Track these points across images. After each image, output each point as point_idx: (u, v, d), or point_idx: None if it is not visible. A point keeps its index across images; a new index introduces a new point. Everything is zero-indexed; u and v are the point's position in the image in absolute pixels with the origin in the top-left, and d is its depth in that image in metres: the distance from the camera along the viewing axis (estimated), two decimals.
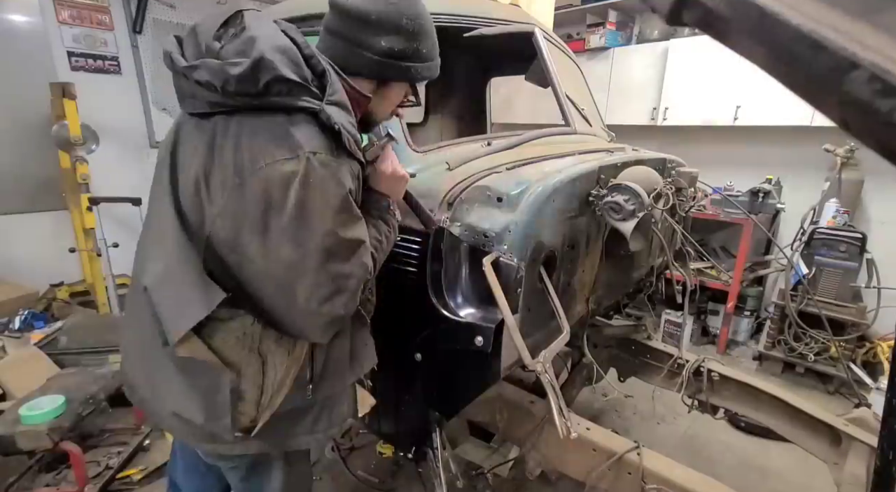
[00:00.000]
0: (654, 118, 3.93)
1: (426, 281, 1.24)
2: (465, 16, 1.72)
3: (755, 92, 3.29)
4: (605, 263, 1.62)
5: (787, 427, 1.74)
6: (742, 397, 1.86)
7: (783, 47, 0.33)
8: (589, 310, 1.67)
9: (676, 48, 3.70)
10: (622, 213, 1.35)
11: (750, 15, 0.34)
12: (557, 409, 1.18)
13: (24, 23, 3.45)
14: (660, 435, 2.62)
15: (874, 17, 0.30)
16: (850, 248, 2.98)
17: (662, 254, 1.97)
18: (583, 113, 2.00)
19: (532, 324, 1.28)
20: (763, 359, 3.36)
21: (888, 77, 0.27)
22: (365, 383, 1.30)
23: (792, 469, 2.35)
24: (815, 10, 0.31)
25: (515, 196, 1.18)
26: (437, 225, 1.22)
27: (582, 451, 1.52)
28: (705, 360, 1.93)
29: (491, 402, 1.74)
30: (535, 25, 1.91)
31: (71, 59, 3.62)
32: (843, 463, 1.53)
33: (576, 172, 1.35)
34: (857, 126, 0.31)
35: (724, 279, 3.51)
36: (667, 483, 1.38)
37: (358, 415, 1.21)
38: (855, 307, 3.01)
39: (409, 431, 1.44)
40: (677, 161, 1.95)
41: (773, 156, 3.68)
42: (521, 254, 1.16)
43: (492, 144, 1.54)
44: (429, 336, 1.26)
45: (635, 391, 2.47)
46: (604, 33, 4.10)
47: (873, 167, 3.16)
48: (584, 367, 2.24)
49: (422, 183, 1.30)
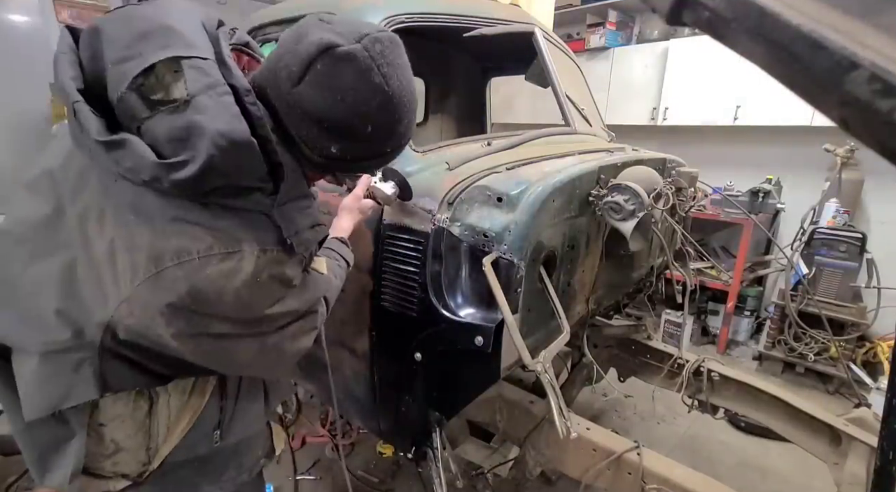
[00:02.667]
0: (654, 118, 3.93)
1: (426, 281, 1.24)
2: (465, 16, 1.72)
3: (755, 92, 3.29)
4: (605, 263, 1.62)
5: (787, 427, 1.73)
6: (742, 397, 1.86)
7: (783, 47, 0.33)
8: (589, 310, 1.67)
9: (676, 48, 3.70)
10: (622, 213, 1.35)
11: (750, 15, 0.34)
12: (557, 409, 1.18)
13: (24, 23, 3.45)
14: (660, 435, 2.62)
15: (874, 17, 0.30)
16: (850, 248, 2.98)
17: (662, 254, 1.97)
18: (583, 113, 2.00)
19: (532, 324, 1.28)
20: (763, 359, 3.36)
21: (888, 77, 0.27)
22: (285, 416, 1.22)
23: (792, 469, 2.35)
24: (815, 10, 0.31)
25: (515, 196, 1.18)
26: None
27: (582, 451, 1.52)
28: (705, 360, 1.93)
29: (491, 402, 1.74)
30: (535, 25, 1.91)
31: None
32: (843, 463, 1.53)
33: (576, 171, 1.35)
34: (857, 126, 0.31)
35: (724, 279, 3.51)
36: (667, 483, 1.38)
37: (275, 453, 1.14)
38: (855, 307, 3.01)
39: (409, 431, 1.44)
40: (677, 161, 1.95)
41: (773, 156, 3.68)
42: (521, 254, 1.16)
43: (492, 143, 1.54)
44: (429, 336, 1.26)
45: (635, 391, 2.47)
46: (604, 33, 4.09)
47: (873, 167, 3.16)
48: (584, 367, 2.24)
49: (422, 183, 1.30)
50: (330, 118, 0.74)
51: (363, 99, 0.73)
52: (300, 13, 1.53)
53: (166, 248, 0.69)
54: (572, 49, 2.40)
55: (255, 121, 0.71)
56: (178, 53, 0.69)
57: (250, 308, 0.76)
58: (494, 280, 1.12)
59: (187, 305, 0.71)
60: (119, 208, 0.72)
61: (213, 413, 0.93)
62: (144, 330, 0.73)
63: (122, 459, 0.86)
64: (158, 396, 0.87)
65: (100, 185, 0.74)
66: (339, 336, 1.44)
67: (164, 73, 0.69)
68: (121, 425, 0.85)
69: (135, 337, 0.74)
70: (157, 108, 0.68)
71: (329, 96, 0.72)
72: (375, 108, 0.74)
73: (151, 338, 0.74)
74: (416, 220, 1.26)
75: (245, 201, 0.74)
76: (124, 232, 0.71)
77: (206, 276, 0.70)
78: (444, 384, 1.33)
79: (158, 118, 0.68)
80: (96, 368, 0.76)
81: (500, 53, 2.49)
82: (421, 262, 1.25)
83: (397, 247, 1.29)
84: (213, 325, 0.75)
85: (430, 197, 1.26)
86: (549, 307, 1.30)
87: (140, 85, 0.68)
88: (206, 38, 0.75)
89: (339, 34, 0.71)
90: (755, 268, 3.67)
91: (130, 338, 0.74)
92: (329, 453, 2.29)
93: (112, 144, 0.67)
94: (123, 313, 0.72)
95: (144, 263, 0.70)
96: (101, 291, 0.73)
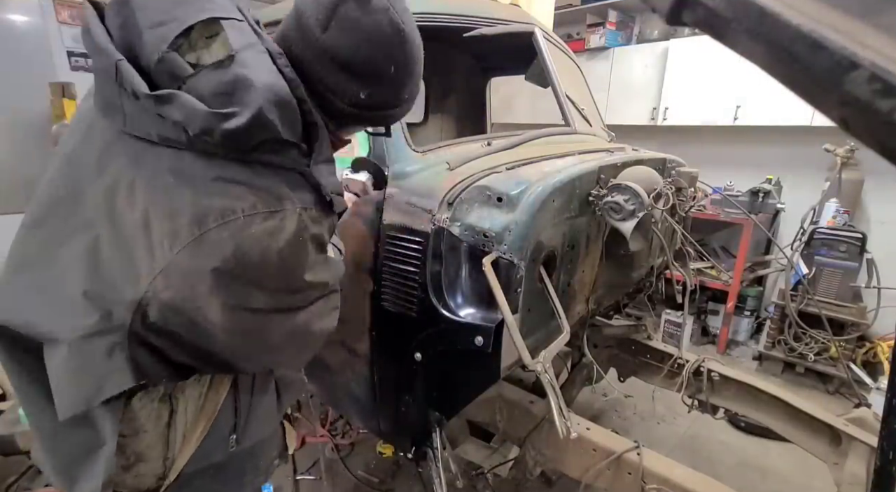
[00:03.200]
0: (654, 118, 3.93)
1: (426, 281, 1.24)
2: (465, 16, 1.72)
3: (755, 92, 3.29)
4: (605, 263, 1.62)
5: (787, 427, 1.73)
6: (742, 397, 1.86)
7: (783, 47, 0.33)
8: (589, 310, 1.67)
9: (676, 48, 3.70)
10: (622, 213, 1.35)
11: (750, 15, 0.34)
12: (557, 409, 1.18)
13: (24, 23, 3.45)
14: (660, 435, 2.62)
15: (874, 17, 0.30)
16: (850, 248, 2.98)
17: (662, 254, 1.97)
18: (583, 113, 2.00)
19: (532, 324, 1.28)
20: (763, 359, 3.36)
21: (888, 77, 0.27)
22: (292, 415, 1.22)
23: (792, 469, 2.35)
24: (815, 10, 0.31)
25: (515, 196, 1.18)
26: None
27: (582, 451, 1.52)
28: (705, 360, 1.93)
29: (491, 402, 1.74)
30: (535, 25, 1.91)
31: (71, 59, 3.63)
32: (843, 463, 1.53)
33: (576, 171, 1.35)
34: (857, 126, 0.31)
35: (724, 279, 3.51)
36: (667, 483, 1.38)
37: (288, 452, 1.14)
38: (855, 307, 3.01)
39: (409, 431, 1.44)
40: (677, 161, 1.95)
41: (773, 156, 3.68)
42: (521, 254, 1.16)
43: (492, 143, 1.54)
44: (429, 336, 1.26)
45: (635, 391, 2.47)
46: (604, 33, 4.10)
47: (873, 167, 3.16)
48: (584, 367, 2.24)
49: (422, 183, 1.30)
50: (358, 61, 0.77)
51: (386, 38, 0.77)
52: None
53: (211, 207, 0.68)
54: (572, 49, 2.40)
55: (290, 82, 0.73)
56: (217, 14, 0.71)
57: (291, 272, 0.76)
58: (494, 280, 1.12)
59: (231, 268, 0.69)
60: (154, 176, 0.70)
61: (229, 416, 0.91)
62: (182, 303, 0.69)
63: (142, 470, 0.84)
64: (178, 402, 0.84)
65: (129, 156, 0.72)
66: (339, 336, 1.44)
67: (199, 38, 0.70)
68: (143, 436, 0.82)
69: (169, 315, 0.69)
70: (201, 66, 0.69)
71: (356, 38, 0.76)
72: (398, 47, 0.79)
73: (188, 313, 0.70)
74: (416, 220, 1.26)
75: (284, 158, 0.74)
76: (161, 198, 0.69)
77: (252, 234, 0.69)
78: (444, 384, 1.33)
79: (203, 74, 0.68)
80: (128, 353, 0.71)
81: (500, 53, 2.49)
82: (421, 262, 1.25)
83: (397, 247, 1.29)
84: (253, 296, 0.74)
85: (430, 197, 1.26)
86: (549, 307, 1.30)
87: (180, 45, 0.69)
88: (235, 5, 0.78)
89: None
90: (755, 268, 3.67)
91: (162, 318, 0.69)
92: (329, 453, 2.29)
93: (161, 99, 0.66)
94: (159, 286, 0.68)
95: (187, 226, 0.67)
96: (131, 267, 0.69)
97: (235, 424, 0.92)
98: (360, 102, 0.81)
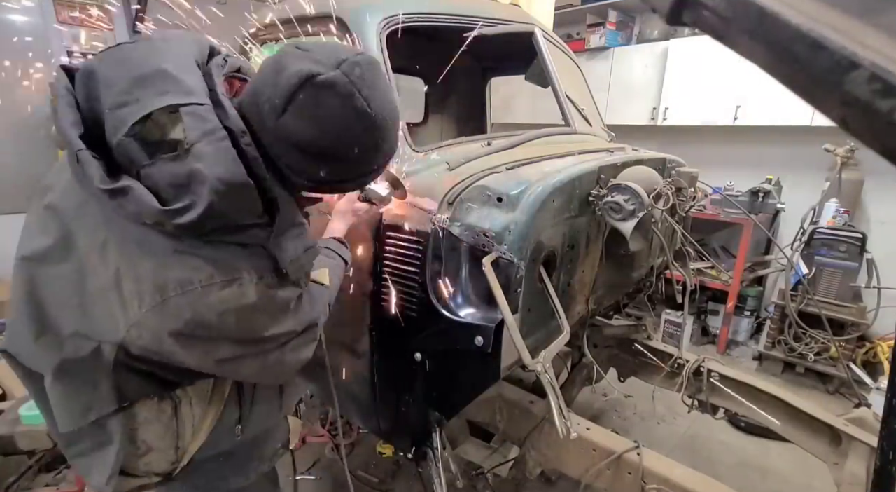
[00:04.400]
0: (654, 118, 3.93)
1: (426, 281, 1.24)
2: (465, 16, 1.72)
3: (755, 92, 3.29)
4: (605, 263, 1.62)
5: (787, 427, 1.73)
6: (742, 397, 1.86)
7: (783, 47, 0.33)
8: (589, 310, 1.67)
9: (676, 48, 3.70)
10: (622, 213, 1.35)
11: (750, 15, 0.34)
12: (557, 409, 1.18)
13: (24, 23, 3.45)
14: (660, 435, 2.62)
15: (874, 17, 0.30)
16: (850, 248, 2.98)
17: (662, 254, 1.97)
18: (583, 113, 2.00)
19: (532, 324, 1.28)
20: (763, 359, 3.36)
21: (888, 77, 0.27)
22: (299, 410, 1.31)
23: (792, 469, 2.35)
24: (814, 10, 0.31)
25: (515, 196, 1.18)
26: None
27: (582, 451, 1.52)
28: (705, 360, 1.93)
29: (491, 402, 1.74)
30: (535, 25, 1.90)
31: (71, 59, 3.62)
32: (843, 463, 1.53)
33: (576, 171, 1.35)
34: (857, 126, 0.31)
35: (724, 279, 3.51)
36: (667, 483, 1.38)
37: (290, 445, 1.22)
38: (855, 307, 3.01)
39: (409, 431, 1.44)
40: (677, 161, 1.95)
41: (773, 156, 3.68)
42: (521, 254, 1.16)
43: (492, 143, 1.54)
44: (429, 336, 1.26)
45: (635, 391, 2.47)
46: (604, 33, 4.09)
47: (873, 167, 3.16)
48: (584, 367, 2.24)
49: (422, 183, 1.30)
50: (316, 146, 0.76)
51: (347, 125, 0.75)
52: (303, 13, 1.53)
53: (169, 278, 0.73)
54: (572, 49, 2.40)
55: (252, 161, 0.73)
56: (176, 101, 0.70)
57: (252, 331, 0.81)
58: (494, 280, 1.12)
59: (192, 330, 0.75)
60: (122, 242, 0.75)
61: (234, 411, 0.99)
62: (158, 349, 0.77)
63: (154, 458, 0.91)
64: (181, 399, 0.91)
65: (102, 216, 0.76)
66: (339, 336, 1.44)
67: (162, 117, 0.70)
68: (150, 427, 0.89)
69: (148, 354, 0.78)
70: (158, 156, 0.70)
71: (314, 125, 0.74)
72: (360, 132, 0.77)
73: (165, 355, 0.79)
74: (416, 220, 1.26)
75: (242, 236, 0.77)
76: (128, 262, 0.74)
77: (209, 302, 0.74)
78: (444, 384, 1.33)
79: (159, 165, 0.70)
80: (112, 382, 0.79)
81: (500, 53, 2.49)
82: (421, 262, 1.25)
83: (397, 247, 1.29)
84: (218, 348, 0.80)
85: (431, 197, 1.26)
86: (549, 307, 1.30)
87: (137, 131, 0.69)
88: (200, 78, 0.76)
89: (318, 62, 0.73)
90: (755, 268, 3.67)
91: (143, 355, 0.78)
92: (329, 453, 2.29)
93: (115, 192, 0.69)
94: (134, 336, 0.75)
95: (150, 292, 0.73)
96: (111, 315, 0.75)
97: (240, 416, 1.00)
98: (321, 179, 0.81)
